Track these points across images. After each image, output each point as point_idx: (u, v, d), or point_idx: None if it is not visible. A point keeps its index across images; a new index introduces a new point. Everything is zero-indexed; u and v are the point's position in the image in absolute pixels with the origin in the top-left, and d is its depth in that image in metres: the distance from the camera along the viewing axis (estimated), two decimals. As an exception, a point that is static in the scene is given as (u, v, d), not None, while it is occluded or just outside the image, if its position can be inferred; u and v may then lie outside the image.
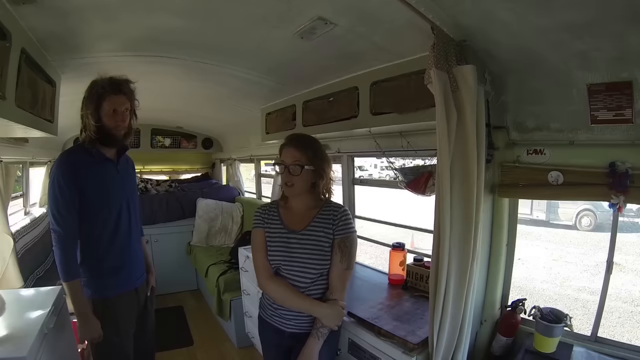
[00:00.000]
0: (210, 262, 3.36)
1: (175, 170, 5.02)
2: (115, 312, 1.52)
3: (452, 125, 1.25)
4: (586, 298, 4.80)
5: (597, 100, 1.34)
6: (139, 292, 1.65)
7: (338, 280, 1.37)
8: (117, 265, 1.54)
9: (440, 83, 1.25)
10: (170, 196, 4.04)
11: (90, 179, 1.46)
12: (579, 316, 4.29)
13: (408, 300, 1.83)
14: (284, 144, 1.40)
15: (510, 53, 1.40)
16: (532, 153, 1.54)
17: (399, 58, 1.66)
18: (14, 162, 2.82)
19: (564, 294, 5.00)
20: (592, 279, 5.38)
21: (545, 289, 5.17)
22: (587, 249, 6.68)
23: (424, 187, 1.66)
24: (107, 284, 1.52)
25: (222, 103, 3.15)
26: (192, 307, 3.72)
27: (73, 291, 1.42)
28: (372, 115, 1.81)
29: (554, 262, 6.12)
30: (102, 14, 1.48)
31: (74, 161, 1.45)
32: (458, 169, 1.31)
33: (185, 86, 2.60)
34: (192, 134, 4.70)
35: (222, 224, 3.99)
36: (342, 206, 1.44)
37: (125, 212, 1.58)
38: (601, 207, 7.13)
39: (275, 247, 1.39)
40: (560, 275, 5.63)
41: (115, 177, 1.56)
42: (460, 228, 1.32)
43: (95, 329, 1.45)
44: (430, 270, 1.37)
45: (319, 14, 1.39)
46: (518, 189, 1.56)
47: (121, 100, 1.48)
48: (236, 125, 3.92)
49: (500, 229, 1.68)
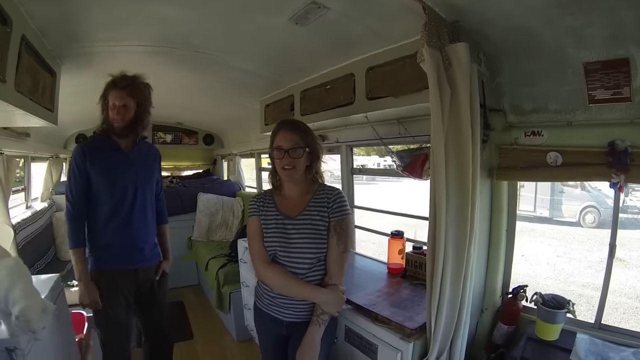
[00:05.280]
0: (211, 255, 3.36)
1: (177, 167, 5.04)
2: (107, 285, 1.65)
3: (446, 103, 1.24)
4: (590, 294, 4.68)
5: (594, 79, 1.32)
6: (140, 273, 1.73)
7: (336, 264, 1.36)
8: (112, 243, 1.66)
9: (432, 61, 1.24)
10: (170, 191, 4.04)
11: (97, 163, 1.63)
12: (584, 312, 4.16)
13: (407, 287, 1.81)
14: (278, 129, 1.40)
15: (504, 33, 1.39)
16: (530, 135, 1.53)
17: (393, 43, 1.65)
18: (15, 155, 2.84)
19: (568, 290, 4.89)
20: (596, 275, 5.22)
21: (549, 285, 5.06)
22: (591, 246, 6.57)
23: (421, 170, 1.65)
24: (101, 257, 1.66)
25: (222, 96, 3.15)
26: (193, 302, 3.72)
27: (75, 258, 1.60)
28: (368, 100, 1.80)
29: (558, 259, 6.04)
30: (101, 1, 1.49)
31: (87, 148, 1.65)
32: (453, 149, 1.29)
33: (185, 78, 2.59)
34: (193, 130, 4.71)
35: (223, 218, 4.00)
36: (336, 189, 1.43)
37: (131, 195, 1.69)
38: (605, 203, 7.03)
39: (271, 234, 1.38)
40: (565, 271, 5.57)
41: (124, 164, 1.69)
42: (456, 210, 1.30)
43: (90, 296, 1.60)
44: (426, 255, 1.35)
45: (313, -3, 1.39)
46: (516, 171, 1.54)
47: (119, 95, 1.59)
48: (236, 119, 3.93)
49: (499, 214, 1.66)
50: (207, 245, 3.76)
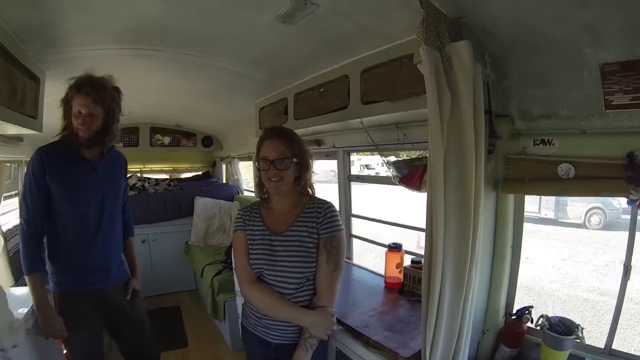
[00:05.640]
0: (206, 262, 3.29)
1: (176, 169, 4.97)
2: (70, 309, 1.48)
3: (446, 110, 1.10)
4: (596, 299, 4.63)
5: (611, 82, 1.18)
6: (107, 293, 1.56)
7: (325, 284, 1.26)
8: (75, 265, 1.50)
9: (431, 61, 1.10)
10: (167, 195, 3.98)
11: (59, 176, 1.43)
12: (589, 318, 4.17)
13: (404, 306, 1.72)
14: (263, 138, 1.31)
15: (512, 30, 1.25)
16: (540, 144, 1.38)
17: (389, 42, 1.53)
18: (7, 160, 2.79)
19: (573, 295, 4.85)
20: (602, 279, 5.21)
21: (554, 289, 5.03)
22: (597, 248, 6.49)
23: (419, 181, 1.52)
24: (65, 280, 1.49)
25: (217, 99, 3.07)
26: (190, 308, 3.66)
27: (32, 285, 1.39)
28: (363, 105, 1.68)
29: (563, 262, 5.95)
30: (76, 5, 1.40)
31: (47, 156, 1.43)
32: (454, 161, 1.16)
33: (176, 82, 2.53)
34: (191, 132, 4.63)
35: (220, 222, 3.92)
36: (327, 202, 1.33)
37: (97, 212, 1.52)
38: (610, 205, 6.94)
39: (257, 251, 1.29)
40: (570, 275, 5.48)
41: (90, 177, 1.50)
42: (457, 229, 1.17)
43: (55, 326, 1.43)
44: (422, 280, 1.23)
45: (298, -7, 1.27)
46: (524, 183, 1.40)
47: (85, 103, 1.40)
48: (234, 122, 3.85)
49: (504, 229, 1.53)
50: (204, 250, 3.68)
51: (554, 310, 4.39)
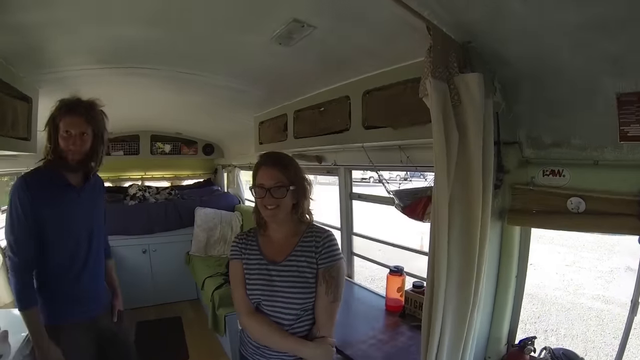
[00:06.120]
0: (207, 274, 3.25)
1: (177, 177, 4.93)
2: (67, 340, 1.43)
3: (453, 150, 1.04)
4: (600, 307, 4.57)
5: (628, 112, 1.11)
6: (99, 320, 1.55)
7: (325, 314, 1.22)
8: (70, 295, 1.45)
9: (438, 96, 1.04)
10: (168, 204, 3.94)
11: (48, 208, 1.37)
12: (593, 327, 4.11)
13: (404, 333, 1.69)
14: (259, 165, 1.25)
15: (525, 55, 1.17)
16: (549, 174, 1.31)
17: (393, 64, 1.47)
18: (6, 174, 2.76)
19: (577, 303, 4.78)
20: (606, 286, 5.15)
21: (558, 296, 4.97)
22: (602, 254, 6.41)
23: (422, 213, 1.47)
24: (59, 311, 1.44)
25: (216, 112, 3.02)
26: (191, 318, 3.63)
27: (29, 320, 1.34)
28: (364, 129, 1.62)
29: (567, 268, 5.90)
30: (61, 29, 1.36)
31: (32, 186, 1.35)
32: (459, 199, 1.10)
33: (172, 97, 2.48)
34: (192, 139, 4.58)
35: (221, 233, 3.88)
36: (326, 231, 1.28)
37: (85, 241, 1.48)
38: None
39: (254, 281, 1.25)
40: (574, 281, 5.42)
41: (77, 206, 1.46)
42: (460, 270, 1.12)
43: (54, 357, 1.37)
44: (423, 313, 1.18)
45: (293, 15, 1.21)
46: (531, 216, 1.34)
47: (75, 122, 1.36)
48: (235, 132, 3.80)
49: (509, 259, 1.47)
50: (205, 260, 3.65)
51: (557, 319, 4.36)
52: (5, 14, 1.16)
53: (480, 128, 1.08)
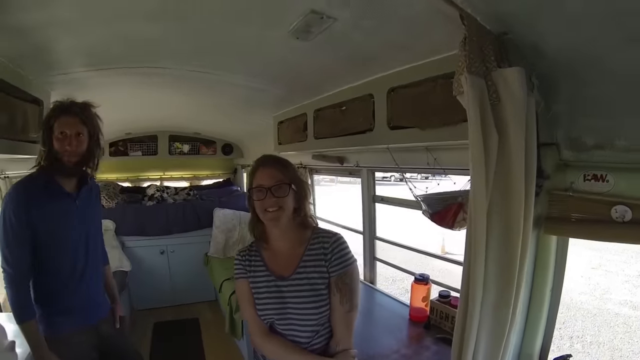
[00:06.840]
0: (225, 276, 3.19)
1: (196, 177, 4.92)
2: (68, 350, 1.39)
3: (492, 155, 0.90)
4: (628, 313, 4.31)
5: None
6: (100, 327, 1.52)
7: (342, 325, 1.12)
8: (69, 305, 1.42)
9: (475, 93, 0.91)
10: (186, 205, 3.92)
11: (43, 217, 1.32)
12: (620, 334, 3.87)
13: (429, 347, 1.57)
14: (256, 167, 1.16)
15: (567, 48, 1.02)
16: (591, 179, 1.15)
17: (422, 58, 1.33)
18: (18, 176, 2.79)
19: (604, 308, 4.53)
20: (634, 291, 4.87)
21: (584, 301, 4.73)
22: (628, 257, 6.07)
23: (452, 220, 1.33)
24: (58, 322, 1.40)
25: (233, 112, 2.96)
26: (209, 320, 3.60)
27: (28, 333, 1.30)
28: (389, 130, 1.49)
29: (593, 271, 5.62)
30: (64, 28, 1.30)
31: (26, 195, 1.30)
32: (498, 208, 0.96)
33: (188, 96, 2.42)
34: (211, 139, 4.55)
35: (240, 234, 3.82)
36: (334, 234, 1.17)
37: (82, 250, 1.45)
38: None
39: (264, 300, 1.15)
40: (600, 286, 5.17)
41: (73, 214, 1.41)
42: (498, 288, 0.99)
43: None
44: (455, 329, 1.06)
45: (311, 7, 1.09)
46: (570, 224, 1.18)
47: (71, 122, 1.32)
48: (253, 132, 3.74)
49: (544, 271, 1.32)
50: (223, 262, 3.60)
51: (583, 325, 4.14)
52: (5, 15, 1.11)
53: (522, 128, 0.95)
